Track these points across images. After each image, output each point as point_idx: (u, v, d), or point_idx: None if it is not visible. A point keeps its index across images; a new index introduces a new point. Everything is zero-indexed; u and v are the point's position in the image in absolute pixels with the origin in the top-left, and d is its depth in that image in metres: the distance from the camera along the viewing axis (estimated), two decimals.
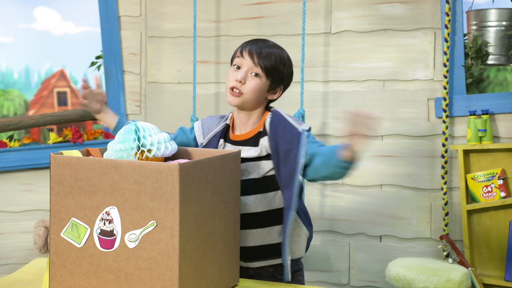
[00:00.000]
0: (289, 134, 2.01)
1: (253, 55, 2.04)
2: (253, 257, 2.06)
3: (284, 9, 3.55)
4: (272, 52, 2.06)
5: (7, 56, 48.14)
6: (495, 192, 3.15)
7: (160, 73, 3.80)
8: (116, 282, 1.61)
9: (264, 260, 2.07)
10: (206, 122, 2.18)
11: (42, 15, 60.03)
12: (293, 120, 2.05)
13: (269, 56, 2.05)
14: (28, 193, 3.65)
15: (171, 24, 3.77)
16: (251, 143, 2.07)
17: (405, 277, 2.88)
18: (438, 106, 3.28)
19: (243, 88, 2.04)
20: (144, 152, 1.77)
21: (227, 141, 2.11)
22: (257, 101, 2.08)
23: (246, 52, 2.05)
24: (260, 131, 2.08)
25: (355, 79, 3.43)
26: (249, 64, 2.04)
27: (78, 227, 1.65)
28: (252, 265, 2.07)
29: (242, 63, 2.05)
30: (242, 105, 2.07)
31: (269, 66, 2.04)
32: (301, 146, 1.99)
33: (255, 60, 2.03)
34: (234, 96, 2.05)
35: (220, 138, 2.11)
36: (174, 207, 1.54)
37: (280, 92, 2.12)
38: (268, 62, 2.04)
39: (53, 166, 1.67)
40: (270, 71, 2.05)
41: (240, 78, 2.03)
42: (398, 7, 3.37)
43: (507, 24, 3.35)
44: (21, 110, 24.20)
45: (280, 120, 2.06)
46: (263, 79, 2.05)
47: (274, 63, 2.05)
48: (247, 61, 2.04)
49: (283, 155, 2.00)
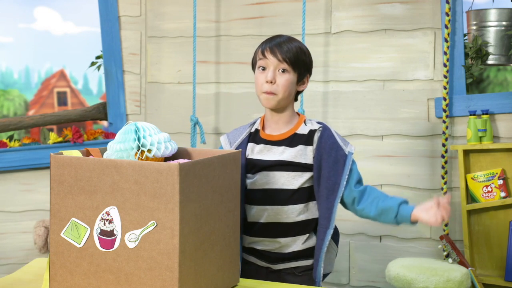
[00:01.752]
0: (334, 153, 2.03)
1: (275, 52, 2.03)
2: (277, 260, 2.10)
3: (284, 9, 3.55)
4: (292, 45, 2.06)
5: (7, 56, 48.16)
6: (495, 192, 3.15)
7: (160, 73, 3.80)
8: (116, 282, 1.61)
9: (287, 263, 2.10)
10: (231, 133, 2.18)
11: (42, 15, 60.06)
12: (340, 139, 2.07)
13: (290, 49, 2.04)
14: (28, 193, 3.65)
15: (171, 24, 3.77)
16: (286, 143, 2.07)
17: (405, 277, 2.88)
18: (438, 106, 3.28)
19: (275, 88, 2.04)
20: (144, 152, 1.77)
21: (258, 142, 2.11)
22: (290, 96, 2.08)
23: (267, 51, 2.05)
24: (296, 133, 2.08)
25: (355, 79, 3.43)
26: (274, 62, 2.03)
27: (78, 227, 1.65)
28: (274, 267, 2.11)
29: (267, 63, 2.04)
30: (277, 105, 2.06)
31: (294, 59, 2.04)
32: (345, 168, 2.02)
33: (279, 56, 2.03)
34: (269, 97, 2.04)
35: (248, 142, 2.11)
36: (174, 207, 1.54)
37: (307, 82, 2.13)
38: (292, 54, 2.04)
39: (53, 166, 1.67)
40: (295, 63, 2.04)
41: (270, 78, 2.03)
42: (398, 7, 3.37)
43: (507, 24, 3.35)
44: (21, 110, 24.21)
45: (329, 136, 2.06)
46: (291, 73, 2.05)
47: (297, 55, 2.05)
48: (271, 60, 2.03)
49: (326, 172, 2.02)
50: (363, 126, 3.43)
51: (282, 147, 2.07)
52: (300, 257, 2.10)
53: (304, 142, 2.06)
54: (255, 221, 2.09)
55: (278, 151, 2.07)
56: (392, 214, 2.02)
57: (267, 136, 2.11)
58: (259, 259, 2.13)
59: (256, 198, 2.07)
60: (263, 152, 2.09)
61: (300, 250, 2.09)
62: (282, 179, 2.05)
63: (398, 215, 2.02)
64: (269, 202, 2.06)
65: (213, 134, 3.71)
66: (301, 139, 2.07)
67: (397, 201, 2.03)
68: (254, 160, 2.09)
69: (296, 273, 2.11)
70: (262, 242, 2.10)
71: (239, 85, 3.65)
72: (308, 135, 2.08)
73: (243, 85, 3.64)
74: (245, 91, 3.64)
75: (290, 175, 2.04)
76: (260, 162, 2.08)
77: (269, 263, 2.12)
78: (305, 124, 2.10)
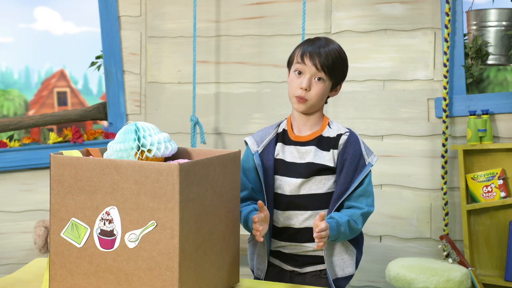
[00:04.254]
0: (356, 161, 2.03)
1: (314, 59, 2.03)
2: (304, 264, 2.10)
3: (284, 9, 3.55)
4: (330, 50, 2.05)
5: (7, 56, 48.16)
6: (495, 192, 3.15)
7: (160, 73, 3.80)
8: (116, 282, 1.61)
9: (316, 265, 2.10)
10: (257, 134, 2.17)
11: (42, 15, 60.10)
12: (365, 148, 2.07)
13: (328, 55, 2.04)
14: (28, 193, 3.65)
15: (171, 24, 3.77)
16: (314, 143, 2.08)
17: (405, 277, 2.88)
18: (438, 106, 3.28)
19: (308, 95, 2.05)
20: (144, 152, 1.76)
21: (287, 143, 2.11)
22: (321, 103, 2.09)
23: (307, 57, 2.04)
24: (322, 135, 2.08)
25: (355, 79, 3.43)
26: (311, 70, 2.03)
27: (78, 227, 1.65)
28: (301, 270, 2.10)
29: (304, 69, 2.04)
30: (308, 110, 2.07)
31: (331, 67, 2.04)
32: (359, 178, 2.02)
33: (317, 64, 2.03)
34: (300, 103, 2.05)
35: (276, 143, 2.11)
36: (174, 207, 1.54)
37: (340, 88, 2.14)
38: (330, 62, 2.04)
39: (53, 166, 1.67)
40: (332, 71, 2.05)
41: (305, 85, 2.03)
42: (398, 7, 3.37)
43: (507, 24, 3.35)
44: (21, 110, 24.21)
45: (355, 143, 2.06)
46: (327, 82, 2.06)
47: (335, 62, 2.05)
48: (309, 67, 2.03)
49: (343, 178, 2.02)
50: (363, 126, 3.43)
51: (312, 147, 2.07)
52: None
53: (332, 146, 2.07)
54: (288, 227, 2.08)
55: (310, 151, 2.07)
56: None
57: (296, 137, 2.11)
58: (285, 263, 2.12)
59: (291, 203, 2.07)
60: (293, 153, 2.09)
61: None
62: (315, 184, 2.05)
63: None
64: (306, 207, 2.05)
65: (213, 134, 3.71)
66: (330, 142, 2.07)
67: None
68: (287, 163, 2.08)
69: (322, 275, 2.10)
70: (292, 247, 2.09)
71: (239, 85, 3.66)
72: (335, 138, 2.08)
73: (243, 85, 3.64)
74: (245, 91, 3.64)
75: (322, 179, 2.05)
76: (293, 164, 2.08)
77: (295, 267, 2.10)
78: (329, 127, 2.10)
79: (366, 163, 2.05)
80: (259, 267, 2.13)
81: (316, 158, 2.05)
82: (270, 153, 2.09)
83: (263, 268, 2.11)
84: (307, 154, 2.06)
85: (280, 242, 2.09)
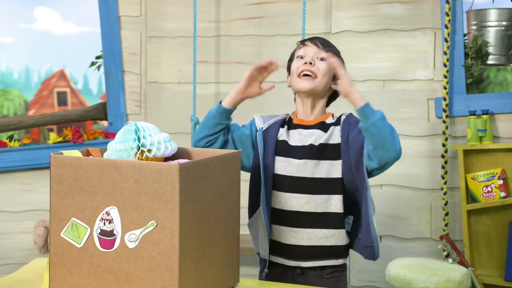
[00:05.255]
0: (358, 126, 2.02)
1: (316, 43, 2.06)
2: (306, 256, 2.08)
3: (284, 9, 3.55)
4: (331, 43, 2.12)
5: (7, 56, 48.18)
6: (495, 192, 3.15)
7: (160, 73, 3.80)
8: (116, 282, 1.61)
9: (316, 260, 2.08)
10: (265, 116, 2.19)
11: (42, 15, 60.10)
12: None
13: (330, 44, 2.09)
14: (28, 193, 3.65)
15: (171, 24, 3.77)
16: (318, 127, 2.08)
17: (405, 277, 2.88)
18: (438, 106, 3.28)
19: (315, 70, 2.04)
20: (144, 152, 1.76)
21: (291, 127, 2.11)
22: (326, 87, 2.08)
23: (308, 41, 2.07)
24: (325, 122, 2.09)
25: (355, 79, 3.43)
26: (314, 49, 2.05)
27: (78, 227, 1.65)
28: (303, 264, 2.09)
29: (306, 50, 2.06)
30: (315, 89, 2.05)
31: (332, 50, 2.07)
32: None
33: (319, 45, 2.04)
34: (307, 80, 2.03)
35: (280, 127, 2.11)
36: (174, 207, 1.54)
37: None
38: (332, 49, 2.07)
39: (53, 166, 1.67)
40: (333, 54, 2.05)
41: (310, 59, 2.02)
42: (398, 7, 3.37)
43: (507, 24, 3.35)
44: (21, 110, 24.22)
45: (354, 117, 2.07)
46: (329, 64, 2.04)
47: (334, 48, 2.10)
48: (311, 47, 2.05)
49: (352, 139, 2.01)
50: None
51: (315, 130, 2.07)
52: (329, 255, 2.08)
53: (334, 124, 2.09)
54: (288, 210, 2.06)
55: (309, 133, 2.07)
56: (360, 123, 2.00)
57: (300, 121, 2.12)
58: (287, 258, 2.10)
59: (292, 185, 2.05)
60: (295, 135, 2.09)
61: (332, 245, 2.07)
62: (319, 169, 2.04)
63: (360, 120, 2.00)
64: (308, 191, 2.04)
65: None
66: (332, 123, 2.10)
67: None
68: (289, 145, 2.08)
69: (323, 275, 2.09)
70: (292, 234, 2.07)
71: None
72: (337, 119, 2.11)
73: None
74: None
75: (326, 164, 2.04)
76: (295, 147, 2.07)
77: (297, 260, 2.08)
78: (332, 118, 2.13)
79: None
80: (262, 247, 2.12)
81: (319, 140, 2.06)
82: (274, 132, 2.09)
83: (265, 247, 2.10)
84: (309, 137, 2.07)
85: (280, 227, 2.08)
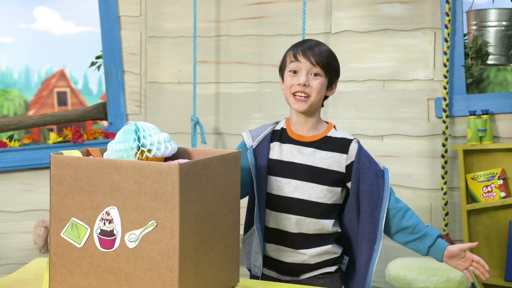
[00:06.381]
0: (374, 168, 2.01)
1: (309, 56, 2.01)
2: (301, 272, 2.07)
3: (284, 9, 3.55)
4: (323, 49, 2.04)
5: (7, 56, 48.18)
6: (495, 192, 3.15)
7: (160, 73, 3.80)
8: (116, 282, 1.61)
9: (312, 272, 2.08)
10: (254, 130, 2.14)
11: (42, 15, 60.11)
12: (373, 156, 2.06)
13: (321, 52, 2.03)
14: (28, 193, 3.66)
15: (171, 24, 3.77)
16: (316, 145, 2.04)
17: (405, 277, 2.88)
18: (438, 106, 3.28)
19: (309, 90, 2.01)
20: (144, 152, 1.76)
21: (285, 141, 2.07)
22: (320, 101, 2.06)
23: (300, 54, 2.02)
24: (327, 136, 2.05)
25: (355, 79, 3.43)
26: (307, 65, 2.01)
27: (78, 227, 1.65)
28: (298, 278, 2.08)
29: (299, 66, 2.02)
30: (309, 108, 2.03)
31: (326, 63, 2.02)
32: (386, 182, 2.01)
33: (312, 60, 2.01)
34: (301, 101, 2.02)
35: (271, 141, 2.07)
36: (174, 207, 1.54)
37: (335, 87, 2.11)
38: (324, 58, 2.02)
39: (53, 166, 1.67)
40: (327, 68, 2.02)
41: (303, 81, 2.00)
42: (398, 7, 3.37)
43: (507, 24, 3.35)
44: (21, 110, 24.22)
45: (365, 151, 2.04)
46: (323, 78, 2.03)
47: (328, 58, 2.04)
48: (304, 63, 2.01)
49: (368, 186, 2.00)
50: (363, 126, 3.43)
51: (311, 149, 2.03)
52: (325, 266, 2.08)
53: (337, 149, 2.03)
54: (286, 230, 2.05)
55: (308, 152, 2.03)
56: (429, 242, 2.03)
57: (296, 136, 2.07)
58: (282, 274, 2.09)
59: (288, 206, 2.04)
60: (293, 152, 2.05)
61: (327, 259, 2.07)
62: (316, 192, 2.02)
63: (433, 246, 2.03)
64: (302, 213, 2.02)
65: (213, 134, 3.71)
66: (335, 145, 2.04)
67: (436, 232, 2.05)
68: (283, 163, 2.05)
69: (318, 276, 2.08)
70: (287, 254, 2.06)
71: (239, 85, 3.66)
72: (342, 142, 2.04)
73: (243, 85, 3.64)
74: (245, 91, 3.64)
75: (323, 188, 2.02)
76: (290, 164, 2.04)
77: (293, 276, 2.08)
78: (335, 129, 2.08)
79: (382, 168, 2.03)
80: (256, 264, 2.10)
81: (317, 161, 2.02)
82: (264, 149, 2.06)
83: (259, 264, 2.09)
84: (307, 156, 2.03)
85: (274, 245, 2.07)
